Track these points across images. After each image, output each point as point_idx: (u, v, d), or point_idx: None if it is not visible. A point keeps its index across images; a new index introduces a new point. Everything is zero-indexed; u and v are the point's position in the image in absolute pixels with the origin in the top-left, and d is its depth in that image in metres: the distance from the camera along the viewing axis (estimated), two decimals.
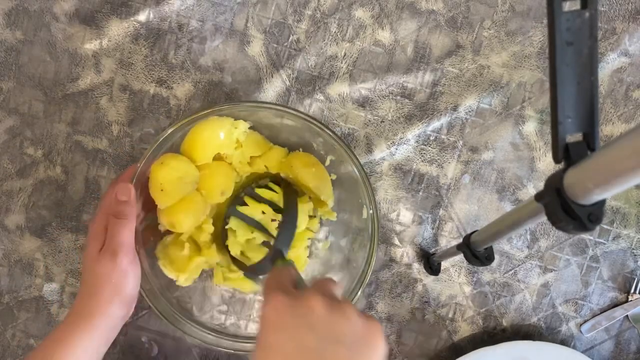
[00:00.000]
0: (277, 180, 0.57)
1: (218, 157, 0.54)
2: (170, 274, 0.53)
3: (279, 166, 0.56)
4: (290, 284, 0.38)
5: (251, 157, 0.55)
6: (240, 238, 0.55)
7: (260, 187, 0.56)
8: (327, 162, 0.55)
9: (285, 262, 0.46)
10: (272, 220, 0.56)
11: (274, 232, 0.55)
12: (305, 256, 0.57)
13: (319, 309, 0.34)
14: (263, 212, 0.55)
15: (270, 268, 0.48)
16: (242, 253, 0.56)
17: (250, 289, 0.57)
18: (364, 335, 0.34)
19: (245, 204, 0.55)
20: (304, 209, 0.56)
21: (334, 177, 0.56)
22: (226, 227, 0.55)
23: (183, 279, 0.53)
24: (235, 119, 0.53)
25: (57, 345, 0.46)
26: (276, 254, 0.49)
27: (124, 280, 0.47)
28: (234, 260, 0.56)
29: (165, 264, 0.53)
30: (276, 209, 0.56)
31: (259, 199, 0.56)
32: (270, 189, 0.56)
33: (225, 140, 0.53)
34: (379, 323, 0.35)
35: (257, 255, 0.55)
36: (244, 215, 0.55)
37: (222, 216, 0.56)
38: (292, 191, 0.55)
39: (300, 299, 0.34)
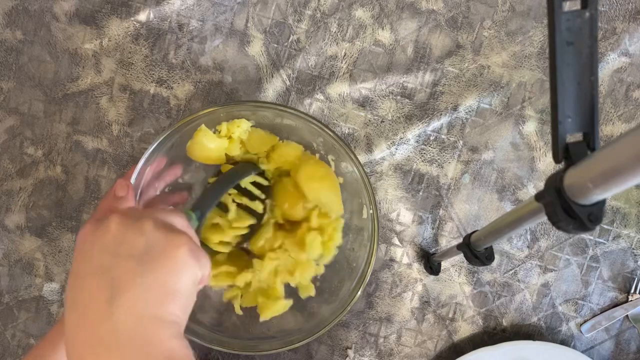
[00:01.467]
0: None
1: (227, 158, 0.54)
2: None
3: (291, 165, 0.55)
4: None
5: (268, 154, 0.55)
6: (209, 220, 0.53)
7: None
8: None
9: (186, 211, 0.45)
10: (233, 201, 0.54)
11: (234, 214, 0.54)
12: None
13: (114, 229, 0.34)
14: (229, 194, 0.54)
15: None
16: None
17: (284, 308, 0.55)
18: (161, 247, 0.34)
19: None
20: (315, 242, 0.53)
21: None
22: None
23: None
24: (237, 119, 0.53)
25: (49, 347, 0.46)
26: (188, 206, 0.47)
27: None
28: None
29: None
30: (242, 192, 0.54)
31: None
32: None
33: (229, 141, 0.53)
34: (187, 237, 0.35)
35: (218, 237, 0.54)
36: None
37: None
38: (248, 163, 0.54)
39: (100, 221, 0.35)
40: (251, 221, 0.54)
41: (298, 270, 0.53)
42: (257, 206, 0.54)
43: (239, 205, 0.54)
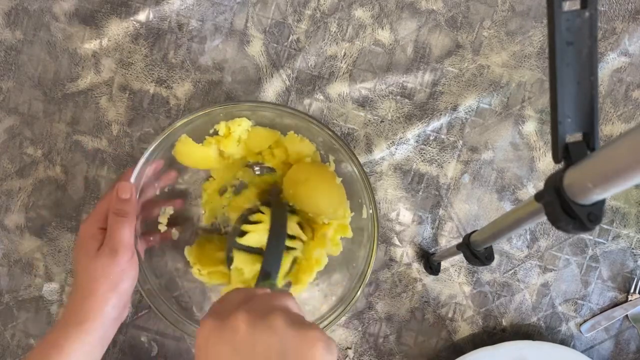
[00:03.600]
0: (267, 201, 0.54)
1: (221, 154, 0.54)
2: (189, 257, 0.54)
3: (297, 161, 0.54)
4: (238, 302, 0.35)
5: (273, 151, 0.54)
6: (247, 275, 0.52)
7: (253, 213, 0.53)
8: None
9: (268, 284, 0.44)
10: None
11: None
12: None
13: (242, 328, 0.32)
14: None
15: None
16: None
17: None
18: (298, 348, 0.32)
19: (243, 234, 0.51)
20: (335, 239, 0.53)
21: None
22: (230, 267, 0.52)
23: (198, 272, 0.54)
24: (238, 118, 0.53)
25: (50, 349, 0.45)
26: (263, 276, 0.46)
27: (121, 278, 0.47)
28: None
29: (191, 253, 0.54)
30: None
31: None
32: (262, 212, 0.53)
33: (223, 141, 0.53)
34: (319, 330, 0.33)
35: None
36: (244, 246, 0.51)
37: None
38: (280, 206, 0.52)
39: (224, 321, 0.33)
40: (289, 259, 0.54)
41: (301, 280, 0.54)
42: (296, 244, 0.54)
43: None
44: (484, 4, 0.59)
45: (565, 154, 0.32)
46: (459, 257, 0.56)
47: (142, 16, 0.58)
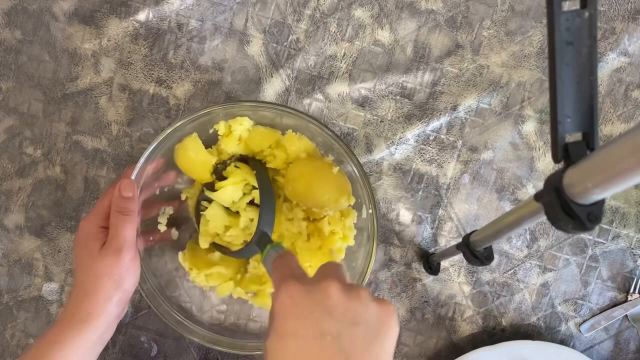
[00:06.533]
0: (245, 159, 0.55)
1: (220, 151, 0.54)
2: (184, 263, 0.55)
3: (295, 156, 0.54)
4: (298, 269, 0.39)
5: (274, 151, 0.54)
6: (212, 226, 0.53)
7: (226, 166, 0.54)
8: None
9: (275, 246, 0.46)
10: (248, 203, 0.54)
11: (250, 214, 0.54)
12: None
13: (335, 294, 0.34)
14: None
15: (257, 251, 0.48)
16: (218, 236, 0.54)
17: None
18: (379, 317, 0.35)
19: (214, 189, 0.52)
20: (341, 249, 0.54)
21: None
22: (201, 212, 0.54)
23: (196, 276, 0.54)
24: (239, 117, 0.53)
25: (51, 346, 0.45)
26: (263, 238, 0.48)
27: (125, 276, 0.47)
28: (215, 244, 0.54)
29: (185, 259, 0.55)
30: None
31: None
32: (237, 167, 0.54)
33: (227, 138, 0.53)
34: (392, 305, 0.36)
35: (236, 239, 0.54)
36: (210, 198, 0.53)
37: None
38: (263, 169, 0.53)
39: (314, 285, 0.35)
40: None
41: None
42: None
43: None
44: (483, 4, 0.59)
45: (565, 154, 0.32)
46: (459, 257, 0.56)
47: (141, 16, 0.58)
